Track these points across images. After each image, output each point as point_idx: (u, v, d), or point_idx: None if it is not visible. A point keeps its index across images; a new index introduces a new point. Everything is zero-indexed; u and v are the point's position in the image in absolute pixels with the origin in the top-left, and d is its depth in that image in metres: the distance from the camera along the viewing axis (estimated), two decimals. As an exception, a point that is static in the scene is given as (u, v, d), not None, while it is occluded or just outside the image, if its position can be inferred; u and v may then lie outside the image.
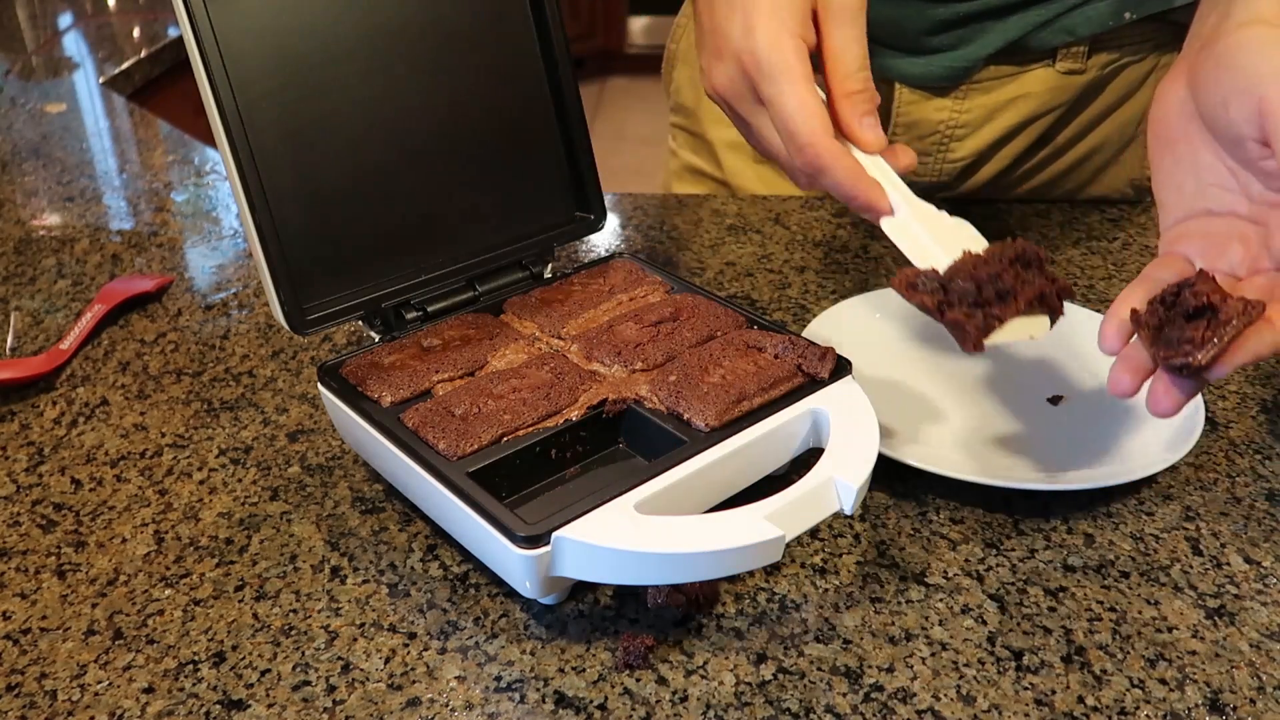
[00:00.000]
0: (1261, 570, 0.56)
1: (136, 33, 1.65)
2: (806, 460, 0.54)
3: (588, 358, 0.60)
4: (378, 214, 0.61)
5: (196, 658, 0.51)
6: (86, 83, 1.40)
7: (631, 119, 3.81)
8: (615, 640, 0.51)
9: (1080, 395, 0.67)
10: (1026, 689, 0.49)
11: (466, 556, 0.56)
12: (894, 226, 0.56)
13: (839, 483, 0.51)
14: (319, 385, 0.59)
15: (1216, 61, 0.54)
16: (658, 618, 0.53)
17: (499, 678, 0.50)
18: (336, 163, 0.59)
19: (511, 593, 0.54)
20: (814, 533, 0.58)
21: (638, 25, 4.24)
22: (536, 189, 0.68)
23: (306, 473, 0.63)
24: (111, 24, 1.72)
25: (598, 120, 3.79)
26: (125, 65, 1.45)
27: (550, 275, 0.68)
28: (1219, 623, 0.53)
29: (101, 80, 1.40)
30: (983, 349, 0.51)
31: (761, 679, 0.49)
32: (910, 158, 0.59)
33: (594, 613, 0.53)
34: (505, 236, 0.66)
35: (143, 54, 1.50)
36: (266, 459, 0.64)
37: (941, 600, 0.54)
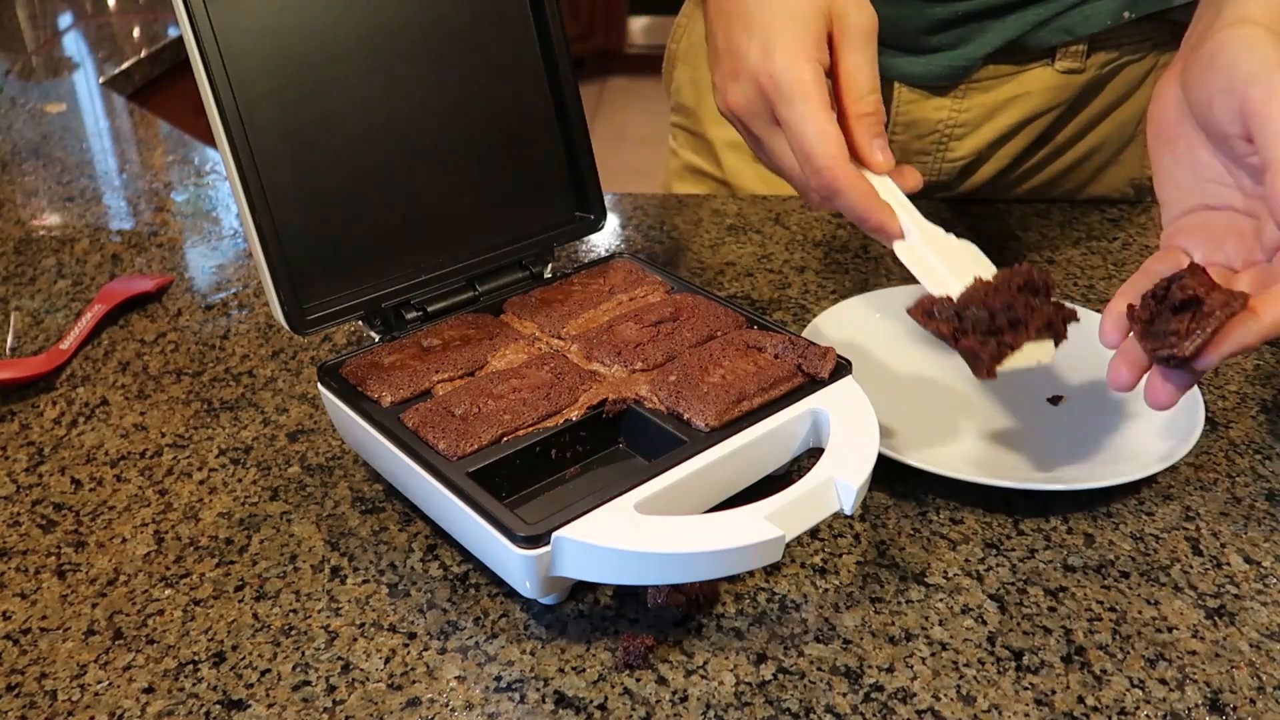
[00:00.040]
0: (1261, 570, 0.56)
1: (136, 33, 1.65)
2: (806, 460, 0.54)
3: (588, 358, 0.60)
4: (378, 214, 0.61)
5: (196, 658, 0.51)
6: (86, 83, 1.40)
7: (631, 119, 3.81)
8: (615, 640, 0.51)
9: (1080, 395, 0.67)
10: (1026, 689, 0.49)
11: (466, 556, 0.56)
12: (906, 251, 0.58)
13: (839, 483, 0.51)
14: (319, 385, 0.59)
15: (1203, 61, 0.55)
16: (658, 618, 0.53)
17: (499, 678, 0.50)
18: (336, 163, 0.59)
19: (511, 593, 0.54)
20: (814, 533, 0.58)
21: (638, 25, 4.24)
22: (536, 189, 0.68)
23: (306, 473, 0.63)
24: (111, 24, 1.72)
25: (598, 120, 3.79)
26: (125, 65, 1.45)
27: (550, 275, 0.68)
28: (1219, 623, 0.53)
29: (101, 80, 1.40)
30: (995, 376, 0.54)
31: (761, 679, 0.49)
32: (916, 179, 0.60)
33: (594, 613, 0.53)
34: (505, 236, 0.66)
35: (143, 54, 1.50)
36: (266, 459, 0.64)
37: (941, 600, 0.54)
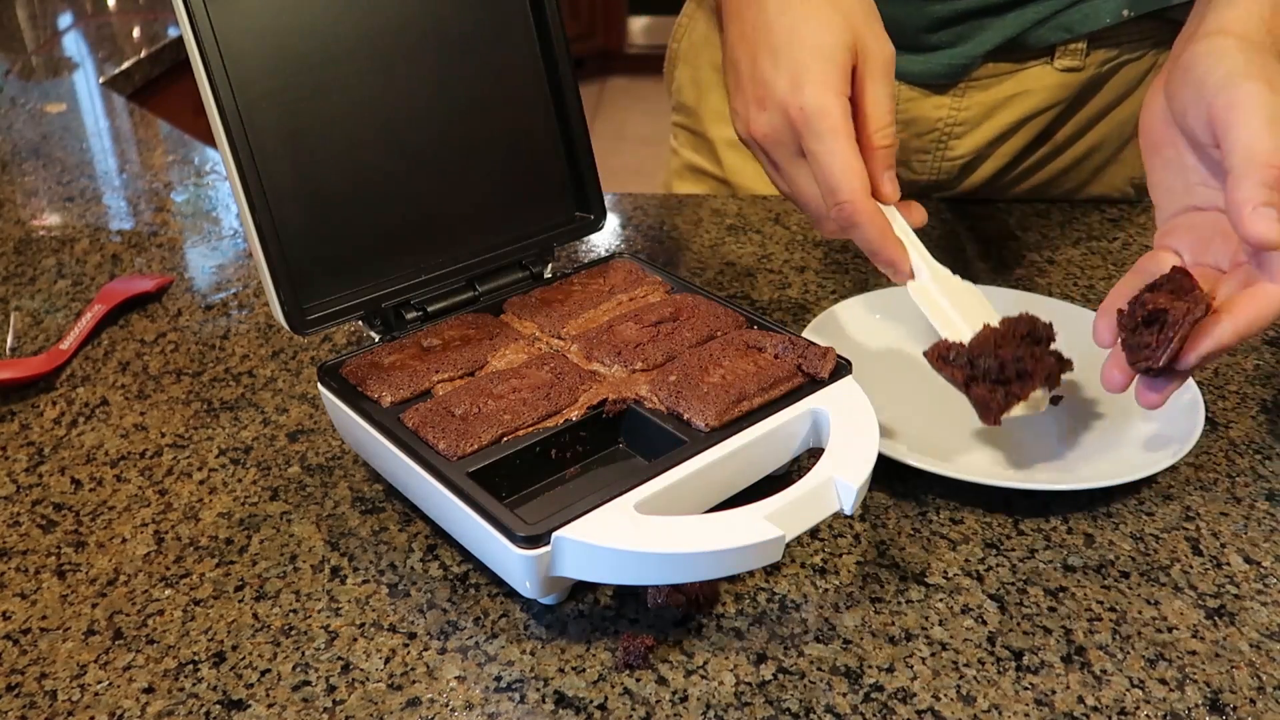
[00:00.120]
0: (1261, 570, 0.56)
1: (136, 33, 1.65)
2: (806, 460, 0.54)
3: (588, 358, 0.60)
4: (378, 214, 0.61)
5: (196, 658, 0.51)
6: (86, 83, 1.40)
7: (631, 119, 3.82)
8: (615, 640, 0.51)
9: (1080, 395, 0.67)
10: (1026, 689, 0.49)
11: (466, 556, 0.56)
12: (919, 293, 0.61)
13: (839, 483, 0.51)
14: (319, 385, 0.59)
15: (1180, 72, 0.57)
16: (658, 618, 0.53)
17: (499, 678, 0.50)
18: (336, 163, 0.59)
19: (511, 593, 0.54)
20: (814, 533, 0.58)
21: (638, 25, 4.24)
22: (536, 189, 0.68)
23: (306, 473, 0.63)
24: (111, 24, 1.72)
25: (598, 120, 3.79)
26: (125, 65, 1.45)
27: (550, 275, 0.68)
28: (1219, 623, 0.53)
29: (101, 80, 1.40)
30: (1000, 424, 0.57)
31: (761, 679, 0.49)
32: (922, 215, 0.62)
33: (594, 613, 0.53)
34: (505, 236, 0.66)
35: (143, 54, 1.50)
36: (266, 459, 0.64)
37: (941, 600, 0.54)
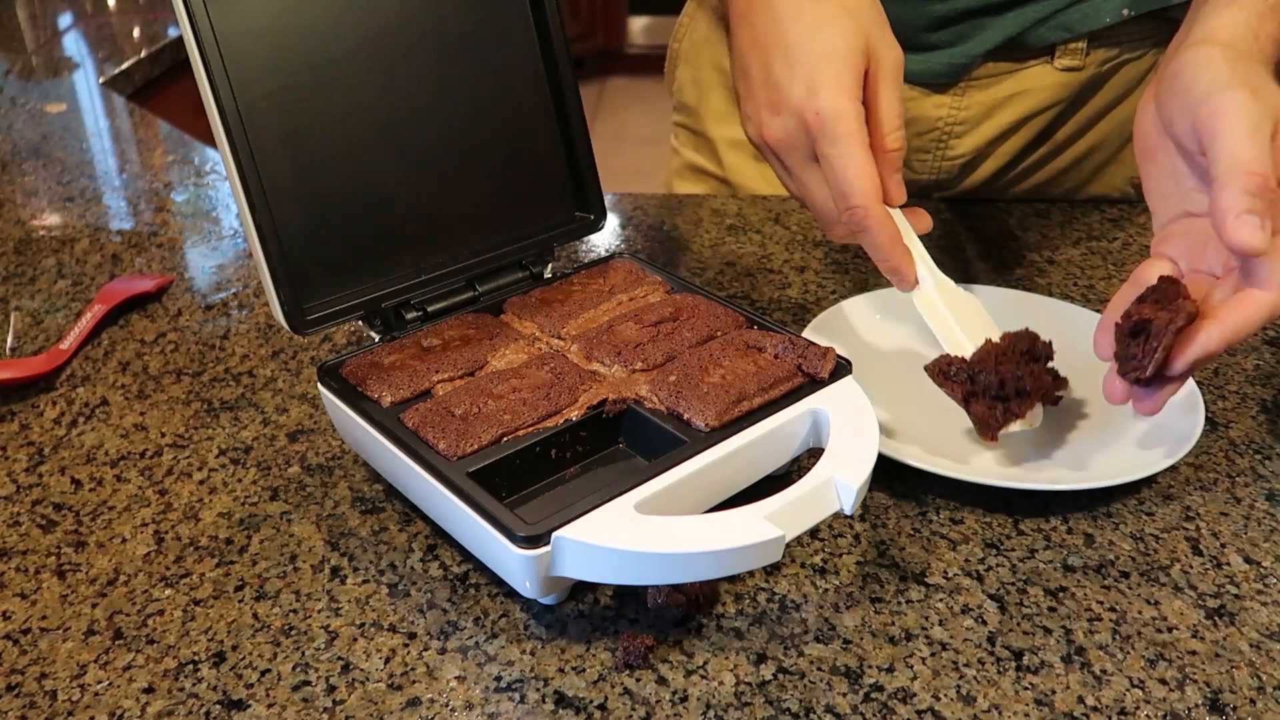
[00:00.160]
0: (1261, 570, 0.56)
1: (136, 33, 1.65)
2: (806, 460, 0.54)
3: (588, 358, 0.60)
4: (378, 214, 0.61)
5: (196, 658, 0.51)
6: (86, 83, 1.40)
7: (631, 119, 3.82)
8: (615, 640, 0.51)
9: (1080, 396, 0.67)
10: (1026, 689, 0.49)
11: (466, 556, 0.56)
12: (924, 303, 0.62)
13: (839, 483, 0.51)
14: (319, 385, 0.59)
15: (1169, 80, 0.57)
16: (658, 618, 0.53)
17: (499, 678, 0.50)
18: (336, 163, 0.59)
19: (511, 593, 0.54)
20: (814, 533, 0.58)
21: (638, 25, 4.24)
22: (537, 189, 0.68)
23: (306, 473, 0.63)
24: (111, 24, 1.72)
25: (598, 120, 3.79)
26: (125, 65, 1.45)
27: (550, 275, 0.68)
28: (1219, 623, 0.53)
29: (101, 80, 1.40)
30: (997, 440, 0.59)
31: (761, 679, 0.49)
32: (928, 221, 0.63)
33: (594, 613, 0.53)
34: (505, 236, 0.66)
35: (143, 54, 1.50)
36: (266, 459, 0.64)
37: (941, 600, 0.54)
